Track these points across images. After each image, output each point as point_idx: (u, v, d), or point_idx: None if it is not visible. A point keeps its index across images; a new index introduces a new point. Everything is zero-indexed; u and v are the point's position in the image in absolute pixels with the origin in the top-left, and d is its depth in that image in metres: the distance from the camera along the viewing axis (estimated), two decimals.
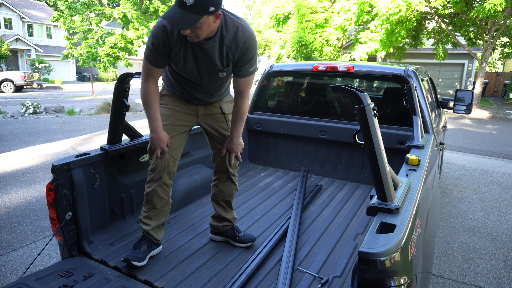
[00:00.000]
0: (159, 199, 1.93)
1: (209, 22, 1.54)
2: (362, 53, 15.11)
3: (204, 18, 1.49)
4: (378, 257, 1.00)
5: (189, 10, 1.43)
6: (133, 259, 1.78)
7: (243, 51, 1.73)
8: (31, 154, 5.95)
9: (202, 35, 1.58)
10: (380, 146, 1.21)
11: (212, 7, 1.46)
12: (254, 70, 1.84)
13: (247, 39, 1.71)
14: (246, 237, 2.11)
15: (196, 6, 1.42)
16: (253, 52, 1.77)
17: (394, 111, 3.14)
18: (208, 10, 1.46)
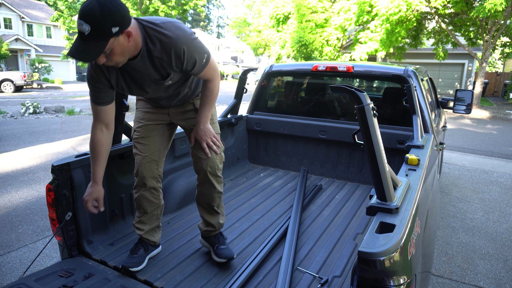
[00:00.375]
0: (149, 203, 1.91)
1: (121, 43, 1.34)
2: (362, 53, 15.11)
3: (112, 42, 1.30)
4: (378, 257, 1.00)
5: (91, 40, 1.24)
6: (130, 265, 1.78)
7: (179, 59, 1.52)
8: (31, 154, 5.95)
9: (121, 58, 1.40)
10: (380, 146, 1.21)
11: (115, 28, 1.26)
12: (207, 61, 1.61)
13: (176, 49, 1.48)
14: (225, 251, 1.87)
15: (95, 33, 1.23)
16: (191, 56, 1.53)
17: (394, 111, 3.14)
18: (112, 32, 1.26)
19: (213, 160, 1.82)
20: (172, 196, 2.57)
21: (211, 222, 1.95)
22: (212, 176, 1.85)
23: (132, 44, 1.40)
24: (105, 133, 1.65)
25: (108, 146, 1.68)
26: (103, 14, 1.21)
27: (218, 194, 1.92)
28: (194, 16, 57.83)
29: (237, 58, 53.74)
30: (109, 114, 1.63)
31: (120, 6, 1.27)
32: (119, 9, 1.26)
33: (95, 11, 1.21)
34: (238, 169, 3.57)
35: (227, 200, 2.81)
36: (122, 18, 1.28)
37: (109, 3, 1.23)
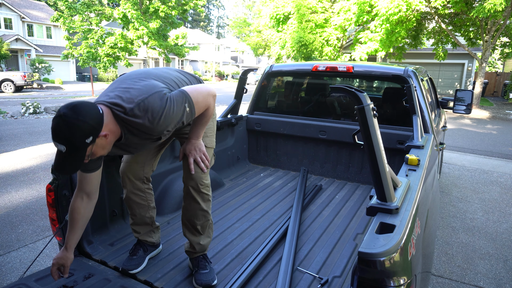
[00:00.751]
0: (136, 205, 1.88)
1: (100, 144, 1.33)
2: (362, 53, 15.11)
3: (90, 148, 1.29)
4: (378, 257, 1.00)
5: (69, 154, 1.25)
6: (129, 268, 1.78)
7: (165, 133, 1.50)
8: (31, 154, 5.95)
9: (104, 153, 1.39)
10: (380, 146, 1.21)
11: (88, 139, 1.25)
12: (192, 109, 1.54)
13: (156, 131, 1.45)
14: (203, 277, 1.71)
15: (71, 149, 1.23)
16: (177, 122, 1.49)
17: (394, 111, 3.14)
18: (86, 143, 1.24)
19: (197, 175, 1.72)
20: (172, 196, 2.57)
21: (191, 241, 1.80)
22: (195, 192, 1.74)
23: (111, 138, 1.39)
24: (85, 202, 1.58)
25: (86, 215, 1.59)
26: (71, 132, 1.20)
27: (202, 212, 1.77)
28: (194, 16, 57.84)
29: (237, 58, 53.74)
30: (93, 183, 1.58)
31: (87, 116, 1.24)
32: (86, 120, 1.23)
33: (64, 131, 1.20)
34: (238, 169, 3.57)
35: (227, 200, 2.81)
36: (92, 127, 1.25)
37: (75, 119, 1.21)
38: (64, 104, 1.25)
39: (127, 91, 1.43)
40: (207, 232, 1.84)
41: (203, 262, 1.80)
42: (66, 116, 1.21)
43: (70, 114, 1.21)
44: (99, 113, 1.30)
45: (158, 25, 18.06)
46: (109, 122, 1.36)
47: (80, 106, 1.24)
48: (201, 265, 1.78)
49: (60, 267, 1.57)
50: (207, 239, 1.84)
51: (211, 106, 1.64)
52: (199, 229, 1.79)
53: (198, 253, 1.81)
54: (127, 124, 1.41)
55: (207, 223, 1.82)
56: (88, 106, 1.27)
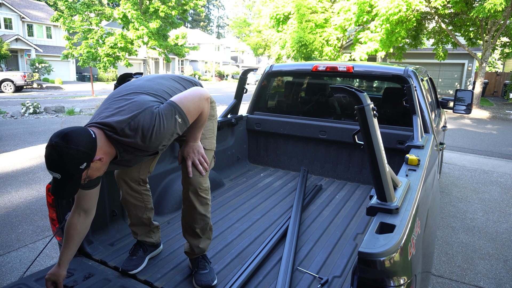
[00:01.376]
0: (133, 206, 1.88)
1: (95, 167, 1.33)
2: (362, 53, 15.11)
3: (85, 173, 1.30)
4: (378, 257, 1.00)
5: (66, 181, 1.25)
6: (129, 268, 1.78)
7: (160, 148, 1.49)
8: (31, 154, 5.95)
9: (101, 173, 1.40)
10: (380, 146, 1.21)
11: (82, 165, 1.25)
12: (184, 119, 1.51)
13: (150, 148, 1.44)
14: (203, 278, 1.72)
15: (67, 176, 1.24)
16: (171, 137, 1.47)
17: (394, 111, 3.14)
18: (80, 169, 1.25)
19: (195, 179, 1.70)
20: (172, 196, 2.57)
21: (190, 243, 1.80)
22: (193, 195, 1.72)
23: (106, 159, 1.38)
24: (82, 218, 1.57)
25: (82, 232, 1.58)
26: (64, 161, 1.21)
27: (200, 216, 1.75)
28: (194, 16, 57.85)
29: (237, 58, 53.74)
30: (90, 200, 1.58)
31: (79, 144, 1.24)
32: (78, 148, 1.23)
33: (57, 161, 1.21)
34: (238, 169, 3.57)
35: (227, 200, 2.81)
36: (85, 154, 1.25)
37: (66, 147, 1.21)
38: (56, 133, 1.25)
39: (117, 111, 1.42)
40: (207, 235, 1.83)
41: (203, 262, 1.79)
42: (57, 146, 1.21)
43: (61, 144, 1.21)
44: (92, 137, 1.30)
45: (158, 25, 18.06)
46: (103, 144, 1.35)
47: (71, 134, 1.24)
48: (200, 266, 1.78)
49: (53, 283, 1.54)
50: (206, 241, 1.83)
51: (205, 110, 1.61)
52: (198, 233, 1.78)
53: (196, 255, 1.81)
54: (120, 144, 1.40)
55: (207, 226, 1.81)
56: (80, 132, 1.26)
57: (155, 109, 1.43)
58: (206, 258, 1.83)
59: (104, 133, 1.38)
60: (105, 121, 1.39)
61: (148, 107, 1.43)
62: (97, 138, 1.32)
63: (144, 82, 1.62)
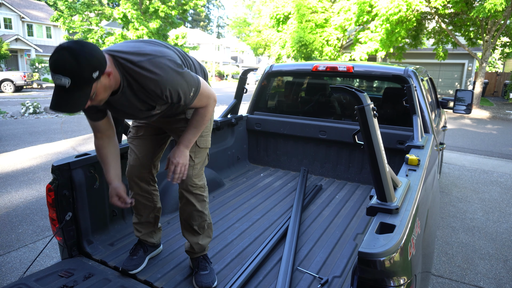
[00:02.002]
0: (142, 205, 1.89)
1: (104, 84, 1.28)
2: (362, 53, 15.12)
3: (95, 86, 1.24)
4: (378, 257, 1.00)
5: (74, 90, 1.17)
6: (129, 268, 1.79)
7: (163, 98, 1.42)
8: (31, 154, 5.95)
9: (104, 95, 1.33)
10: (380, 146, 1.21)
11: (95, 73, 1.19)
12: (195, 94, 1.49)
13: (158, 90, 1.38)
14: (203, 279, 1.70)
15: (78, 82, 1.16)
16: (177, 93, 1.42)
17: (394, 111, 3.14)
18: (93, 78, 1.19)
19: (188, 177, 1.69)
20: (172, 196, 2.57)
21: (189, 241, 1.80)
22: (187, 193, 1.72)
23: (113, 81, 1.34)
24: (106, 140, 1.62)
25: (112, 149, 1.63)
26: (80, 63, 1.14)
27: (197, 213, 1.75)
28: (194, 16, 57.83)
29: (237, 58, 53.74)
30: (106, 125, 1.59)
31: (93, 49, 1.20)
32: (93, 53, 1.18)
33: (71, 63, 1.13)
34: (238, 169, 3.57)
35: (227, 200, 2.81)
36: (99, 61, 1.21)
37: (82, 51, 1.16)
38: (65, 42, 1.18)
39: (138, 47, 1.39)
40: (206, 232, 1.83)
41: (203, 262, 1.78)
42: (71, 49, 1.14)
43: (76, 47, 1.15)
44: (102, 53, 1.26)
45: (158, 25, 18.06)
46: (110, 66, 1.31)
47: (85, 42, 1.19)
48: (201, 266, 1.77)
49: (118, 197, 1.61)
50: (206, 239, 1.82)
51: (211, 108, 1.61)
52: (196, 229, 1.78)
53: (198, 254, 1.80)
54: (129, 75, 1.36)
55: (204, 223, 1.80)
56: (92, 44, 1.22)
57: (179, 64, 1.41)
58: (207, 259, 1.82)
59: (114, 60, 1.34)
60: (120, 49, 1.36)
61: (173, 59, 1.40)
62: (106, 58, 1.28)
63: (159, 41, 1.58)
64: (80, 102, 1.21)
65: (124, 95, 1.42)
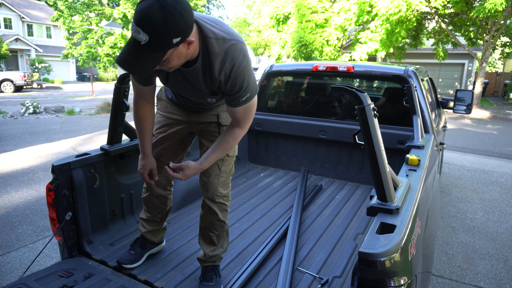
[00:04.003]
0: (154, 205, 1.88)
1: (179, 52, 1.15)
2: (362, 53, 15.11)
3: (170, 53, 1.11)
4: (378, 257, 1.00)
5: (147, 50, 1.05)
6: (124, 261, 1.79)
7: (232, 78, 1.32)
8: (31, 154, 5.95)
9: (176, 64, 1.21)
10: (380, 146, 1.21)
11: (176, 39, 1.06)
12: (250, 98, 1.42)
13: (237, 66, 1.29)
14: None
15: (154, 43, 1.04)
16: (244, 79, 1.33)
17: (394, 111, 3.14)
18: (172, 43, 1.06)
19: (212, 184, 1.66)
20: (174, 196, 2.56)
21: (204, 250, 1.75)
22: (210, 202, 1.69)
23: (190, 51, 1.21)
24: (147, 107, 1.56)
25: (151, 118, 1.59)
26: (166, 23, 1.00)
27: (219, 222, 1.71)
28: None
29: None
30: (151, 93, 1.54)
31: (186, 11, 1.04)
32: (184, 15, 1.04)
33: (157, 19, 0.99)
34: (238, 169, 3.57)
35: None
36: (186, 26, 1.06)
37: (173, 8, 1.01)
38: None
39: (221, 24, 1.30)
40: (221, 243, 1.78)
41: (210, 273, 1.71)
42: (165, 2, 1.00)
43: (170, 1, 1.01)
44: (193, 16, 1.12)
45: None
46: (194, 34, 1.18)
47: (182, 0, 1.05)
48: (207, 277, 1.70)
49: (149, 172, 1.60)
50: (219, 249, 1.77)
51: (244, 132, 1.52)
52: (214, 239, 1.74)
53: (207, 263, 1.74)
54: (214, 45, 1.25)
55: (223, 233, 1.77)
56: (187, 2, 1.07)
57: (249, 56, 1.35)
58: (216, 270, 1.74)
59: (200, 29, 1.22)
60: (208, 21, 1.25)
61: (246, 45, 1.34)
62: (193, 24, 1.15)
63: None
64: (148, 65, 1.10)
65: (195, 71, 1.32)
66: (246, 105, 1.42)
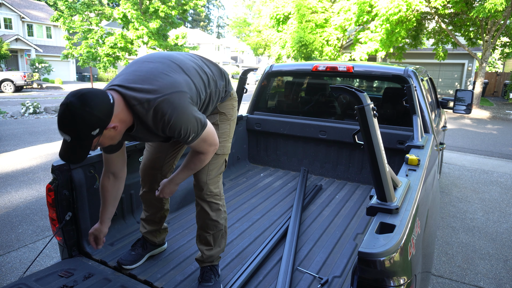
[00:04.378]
0: (150, 204, 1.89)
1: (108, 135, 1.25)
2: (362, 53, 15.11)
3: (96, 140, 1.21)
4: (378, 257, 1.00)
5: (74, 144, 1.17)
6: (124, 262, 1.80)
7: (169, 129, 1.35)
8: (31, 154, 5.95)
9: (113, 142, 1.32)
10: (380, 146, 1.21)
11: (94, 131, 1.16)
12: (196, 137, 1.42)
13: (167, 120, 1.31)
14: None
15: (76, 140, 1.16)
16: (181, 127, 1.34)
17: (394, 111, 3.14)
18: (92, 135, 1.16)
19: (201, 182, 1.66)
20: (173, 196, 2.57)
21: (199, 249, 1.75)
22: (200, 200, 1.68)
23: (121, 128, 1.29)
24: (112, 180, 1.61)
25: (114, 193, 1.64)
26: (76, 123, 1.13)
27: (212, 222, 1.69)
28: (194, 16, 57.82)
29: (237, 58, 53.73)
30: (117, 164, 1.59)
31: (94, 107, 1.15)
32: (94, 111, 1.15)
33: (69, 123, 1.13)
34: (238, 169, 3.57)
35: (227, 200, 2.81)
36: (99, 119, 1.16)
37: (81, 109, 1.12)
38: (73, 91, 1.16)
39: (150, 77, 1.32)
40: (218, 242, 1.76)
41: (209, 273, 1.71)
42: (72, 106, 1.12)
43: (76, 104, 1.12)
44: (109, 103, 1.20)
45: (158, 25, 18.05)
46: (120, 111, 1.26)
47: (89, 95, 1.15)
48: (205, 277, 1.70)
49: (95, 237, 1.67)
50: (216, 249, 1.75)
51: (208, 157, 1.55)
52: (210, 239, 1.72)
53: (205, 263, 1.74)
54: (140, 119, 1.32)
55: (219, 233, 1.74)
56: (97, 95, 1.18)
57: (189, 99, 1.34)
58: (214, 270, 1.74)
59: (124, 99, 1.28)
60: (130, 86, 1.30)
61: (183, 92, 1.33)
62: (115, 104, 1.23)
63: (175, 53, 1.53)
64: (80, 155, 1.21)
65: (138, 131, 1.39)
66: (198, 140, 1.44)
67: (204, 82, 1.52)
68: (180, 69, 1.43)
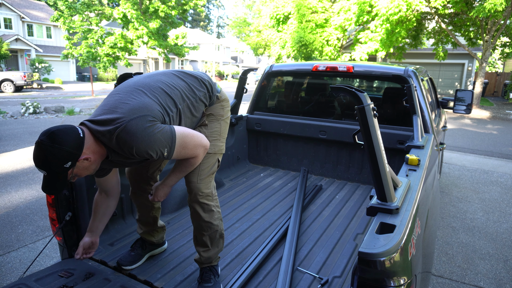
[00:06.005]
0: (141, 203, 1.88)
1: (82, 166, 1.32)
2: (362, 53, 15.11)
3: (71, 171, 1.30)
4: (378, 257, 1.00)
5: (51, 177, 1.28)
6: (123, 263, 1.81)
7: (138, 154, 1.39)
8: (31, 154, 5.94)
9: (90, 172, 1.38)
10: (380, 146, 1.21)
11: (67, 163, 1.25)
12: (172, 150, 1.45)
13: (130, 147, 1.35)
14: None
15: (52, 173, 1.26)
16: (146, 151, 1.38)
17: (394, 111, 3.14)
18: (65, 168, 1.26)
19: (192, 183, 1.65)
20: (172, 196, 2.57)
21: (197, 251, 1.75)
22: (192, 202, 1.67)
23: (95, 158, 1.36)
24: (104, 197, 1.69)
25: (104, 209, 1.71)
26: (48, 160, 1.23)
27: (205, 223, 1.68)
28: (194, 16, 57.83)
29: (237, 58, 53.73)
30: (108, 184, 1.66)
31: (63, 143, 1.24)
32: (62, 147, 1.23)
33: (42, 159, 1.24)
34: (238, 169, 3.57)
35: (227, 200, 2.81)
36: (69, 153, 1.25)
37: (50, 146, 1.22)
38: (44, 130, 1.27)
39: (109, 110, 1.39)
40: (215, 243, 1.74)
41: (208, 274, 1.71)
42: (42, 144, 1.23)
43: (46, 142, 1.23)
44: (79, 137, 1.29)
45: (158, 25, 18.04)
46: (91, 144, 1.34)
47: (57, 133, 1.25)
48: (205, 277, 1.69)
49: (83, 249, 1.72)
50: (214, 249, 1.74)
51: (199, 159, 1.57)
52: (206, 240, 1.71)
53: (204, 264, 1.73)
54: (109, 148, 1.39)
55: (215, 234, 1.73)
56: (66, 131, 1.27)
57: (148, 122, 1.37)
58: (214, 270, 1.74)
59: (91, 132, 1.37)
60: (96, 119, 1.38)
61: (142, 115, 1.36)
62: (85, 137, 1.32)
63: (143, 78, 1.56)
64: (59, 186, 1.31)
65: (114, 158, 1.44)
66: (176, 151, 1.47)
67: (173, 98, 1.53)
68: (143, 93, 1.46)
